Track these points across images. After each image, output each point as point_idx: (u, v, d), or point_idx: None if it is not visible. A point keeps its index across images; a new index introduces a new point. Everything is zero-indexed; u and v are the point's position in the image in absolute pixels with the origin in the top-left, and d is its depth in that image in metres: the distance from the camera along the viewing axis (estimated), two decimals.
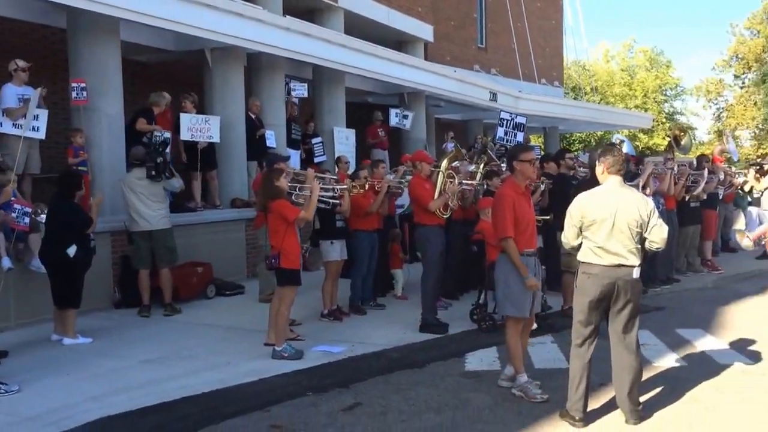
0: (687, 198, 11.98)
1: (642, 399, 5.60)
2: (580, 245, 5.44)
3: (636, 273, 5.28)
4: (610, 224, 5.21)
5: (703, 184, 12.16)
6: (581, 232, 5.38)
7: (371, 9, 16.82)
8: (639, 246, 5.32)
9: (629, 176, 9.28)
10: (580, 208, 5.38)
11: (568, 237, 5.51)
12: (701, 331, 8.39)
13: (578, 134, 46.87)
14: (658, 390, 6.15)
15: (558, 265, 8.73)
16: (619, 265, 5.24)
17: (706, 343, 7.80)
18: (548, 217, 9.05)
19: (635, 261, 5.28)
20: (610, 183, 5.42)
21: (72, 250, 7.54)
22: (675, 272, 11.59)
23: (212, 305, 9.82)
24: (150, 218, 8.91)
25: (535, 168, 6.49)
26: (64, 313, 7.74)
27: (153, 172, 8.72)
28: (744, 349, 7.52)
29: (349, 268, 9.10)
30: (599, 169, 5.50)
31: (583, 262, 5.41)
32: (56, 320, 7.86)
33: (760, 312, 9.56)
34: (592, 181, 6.74)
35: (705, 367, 6.86)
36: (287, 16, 12.64)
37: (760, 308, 9.83)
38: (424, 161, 8.33)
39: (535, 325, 6.95)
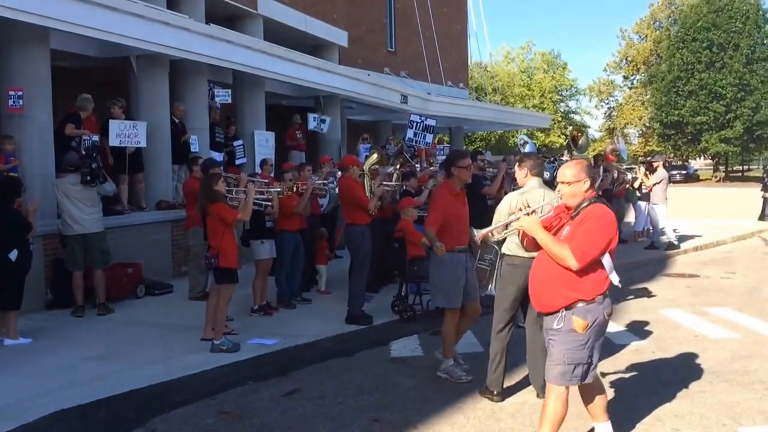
0: None
1: None
2: (503, 240, 6.08)
3: None
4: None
5: (599, 182, 13.21)
6: (507, 228, 6.06)
7: (289, 16, 17.21)
8: None
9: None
10: (510, 206, 5.98)
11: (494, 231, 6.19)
12: None
13: (480, 133, 48.44)
14: None
15: None
16: None
17: None
18: None
19: None
20: (532, 183, 6.13)
21: (14, 255, 7.79)
22: None
23: (143, 304, 10.11)
24: (84, 222, 9.15)
25: (470, 171, 7.02)
26: (5, 315, 7.96)
27: (88, 177, 8.97)
28: (636, 331, 8.50)
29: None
30: (522, 173, 6.17)
31: (508, 255, 6.08)
32: None
33: (649, 296, 10.62)
34: None
35: (604, 348, 7.69)
36: (211, 24, 12.97)
37: (650, 294, 10.90)
38: (355, 165, 8.93)
39: None
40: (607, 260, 4.48)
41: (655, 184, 15.14)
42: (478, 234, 4.85)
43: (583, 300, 4.45)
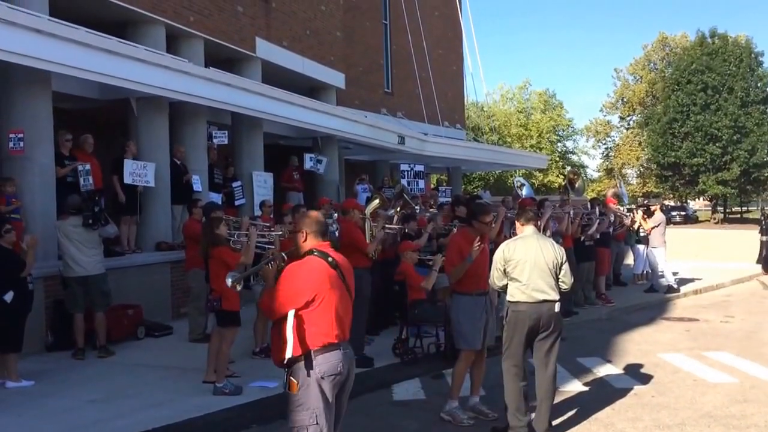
0: (582, 238, 13.07)
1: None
2: (506, 286, 6.30)
3: (557, 307, 6.18)
4: (532, 263, 6.13)
5: (596, 225, 13.29)
6: (505, 274, 6.22)
7: (287, 59, 17.39)
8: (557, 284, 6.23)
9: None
10: (504, 253, 6.27)
11: (494, 278, 6.39)
12: (599, 359, 9.36)
13: (478, 172, 48.71)
14: (564, 411, 6.99)
15: None
16: (544, 301, 6.12)
17: (603, 370, 8.77)
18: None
19: (556, 296, 6.18)
20: (527, 231, 6.41)
21: (9, 296, 7.75)
22: (573, 305, 12.62)
23: (144, 346, 10.08)
24: (86, 264, 9.17)
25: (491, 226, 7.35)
26: (5, 357, 7.93)
27: (90, 221, 9.02)
28: (635, 374, 8.52)
29: None
30: (518, 223, 6.55)
31: (511, 302, 6.25)
32: None
33: (649, 340, 10.64)
34: None
35: (603, 391, 7.80)
36: (210, 68, 13.14)
37: (648, 337, 10.93)
38: (356, 209, 8.98)
39: None
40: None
41: (653, 228, 15.24)
42: (230, 281, 4.35)
43: (295, 356, 4.11)
